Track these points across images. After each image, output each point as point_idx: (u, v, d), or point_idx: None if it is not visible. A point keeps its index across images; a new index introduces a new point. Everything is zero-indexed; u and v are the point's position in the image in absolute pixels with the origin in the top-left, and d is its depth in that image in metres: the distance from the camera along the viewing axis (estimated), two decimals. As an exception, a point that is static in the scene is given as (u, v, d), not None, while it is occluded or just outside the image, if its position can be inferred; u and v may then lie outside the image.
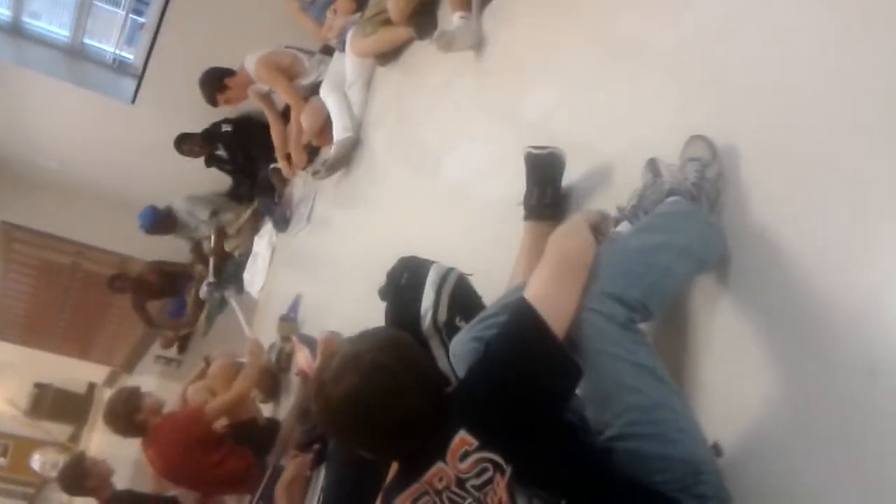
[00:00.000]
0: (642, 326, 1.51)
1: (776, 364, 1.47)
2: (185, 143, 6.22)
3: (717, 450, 1.47)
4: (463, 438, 1.34)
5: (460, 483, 1.34)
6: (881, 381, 1.26)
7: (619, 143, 2.16)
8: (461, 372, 1.60)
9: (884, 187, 1.37)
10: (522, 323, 1.41)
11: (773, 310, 1.52)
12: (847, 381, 1.31)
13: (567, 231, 1.57)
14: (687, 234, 1.57)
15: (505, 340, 1.43)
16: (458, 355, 1.63)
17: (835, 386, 1.34)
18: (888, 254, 1.33)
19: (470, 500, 1.33)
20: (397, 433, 1.43)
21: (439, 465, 1.36)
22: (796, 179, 1.56)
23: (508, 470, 1.30)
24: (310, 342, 3.74)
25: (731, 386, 1.55)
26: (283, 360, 4.40)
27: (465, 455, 1.33)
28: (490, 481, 1.31)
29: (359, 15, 4.47)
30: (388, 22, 4.11)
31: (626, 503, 1.32)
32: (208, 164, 6.45)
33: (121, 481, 5.35)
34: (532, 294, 1.41)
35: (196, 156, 6.32)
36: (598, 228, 1.69)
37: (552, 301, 1.40)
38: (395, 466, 1.86)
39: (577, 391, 1.43)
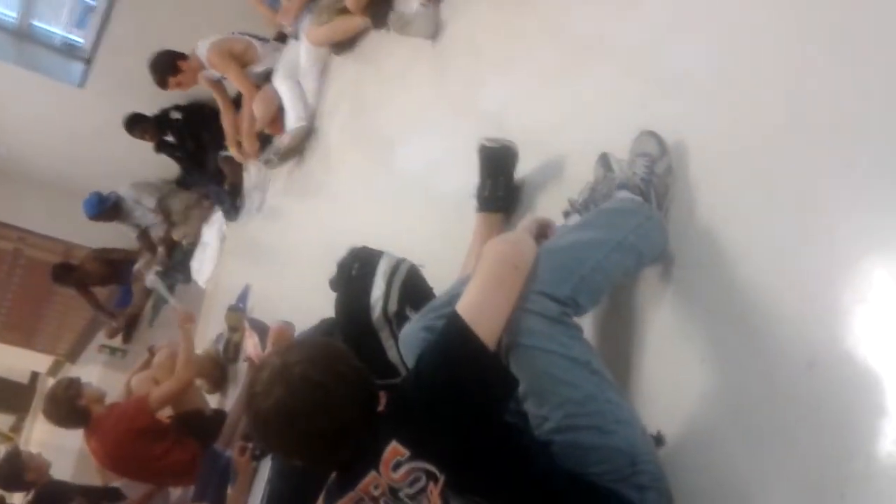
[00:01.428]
0: (582, 321, 1.52)
1: (718, 357, 1.49)
2: (137, 126, 6.10)
3: (659, 440, 1.49)
4: (395, 449, 1.33)
5: (394, 492, 1.33)
6: (818, 372, 1.29)
7: (572, 137, 2.17)
8: (410, 361, 1.60)
9: (826, 185, 1.40)
10: (450, 335, 1.40)
11: (715, 303, 1.54)
12: (786, 373, 1.34)
13: (501, 238, 1.57)
14: (623, 229, 1.58)
15: (433, 353, 1.42)
16: (407, 345, 1.62)
17: (774, 378, 1.36)
18: (828, 250, 1.35)
19: None
20: (326, 445, 1.42)
21: (373, 473, 1.35)
22: (742, 176, 1.59)
23: (442, 478, 1.30)
24: (261, 329, 3.71)
25: (673, 378, 1.57)
26: (231, 351, 4.35)
27: (398, 465, 1.33)
28: (423, 490, 1.31)
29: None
30: (344, 10, 4.07)
31: (561, 502, 1.32)
32: (158, 150, 6.33)
33: (63, 472, 5.25)
34: (462, 304, 1.40)
35: (149, 139, 6.21)
36: (543, 234, 1.70)
37: (482, 309, 1.39)
38: None
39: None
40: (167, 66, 5.05)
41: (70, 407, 3.65)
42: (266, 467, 2.94)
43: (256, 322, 3.86)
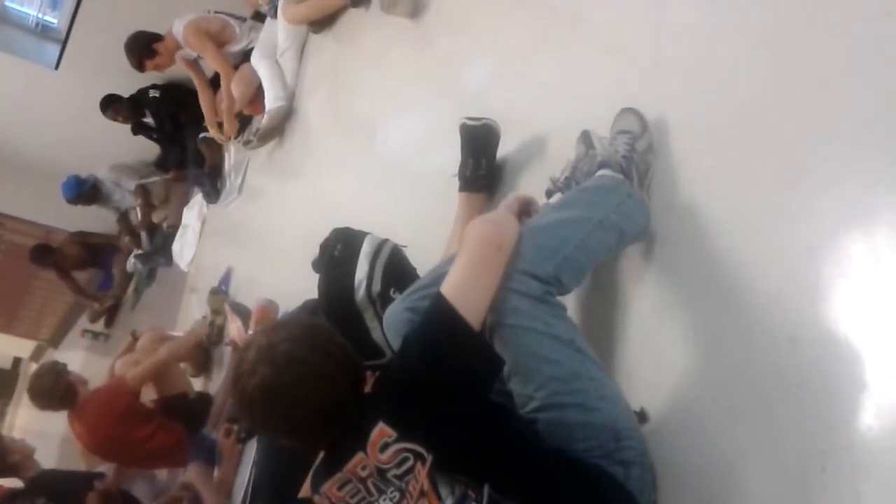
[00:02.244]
0: (566, 299, 1.52)
1: (700, 333, 1.51)
2: (110, 108, 6.03)
3: (643, 416, 1.51)
4: (382, 430, 1.33)
5: (381, 473, 1.34)
6: (800, 347, 1.30)
7: (554, 114, 2.17)
8: (395, 342, 1.60)
9: (807, 160, 1.40)
10: (435, 316, 1.40)
11: (697, 280, 1.55)
12: (768, 348, 1.35)
13: (482, 218, 1.57)
14: (605, 208, 1.58)
15: (419, 335, 1.42)
16: (391, 326, 1.62)
17: (756, 354, 1.37)
18: (809, 224, 1.36)
19: (392, 488, 1.33)
20: (312, 424, 1.42)
21: (360, 455, 1.35)
22: (723, 151, 1.59)
23: (429, 459, 1.30)
24: (243, 312, 3.70)
25: (656, 355, 1.58)
26: (215, 334, 4.34)
27: (385, 446, 1.33)
28: (411, 470, 1.31)
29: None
30: (320, -12, 4.04)
31: (548, 479, 1.33)
32: (135, 131, 6.27)
33: (49, 457, 5.24)
34: (447, 285, 1.41)
35: (122, 121, 6.14)
36: (525, 212, 1.70)
37: (466, 290, 1.40)
38: None
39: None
40: (143, 49, 5.00)
41: (56, 384, 3.64)
42: (252, 450, 2.94)
43: (238, 306, 3.85)
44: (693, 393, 1.47)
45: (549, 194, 1.81)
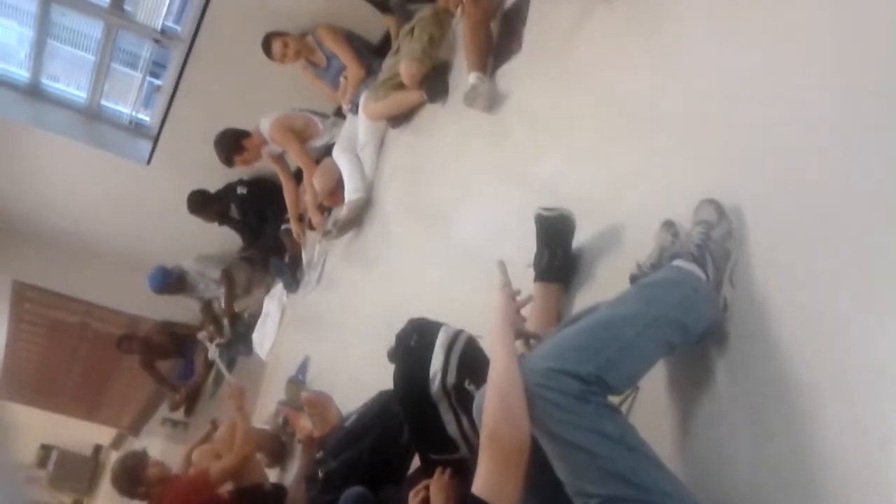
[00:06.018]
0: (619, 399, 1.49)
1: (781, 433, 1.43)
2: (199, 212, 6.26)
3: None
4: None
5: None
6: (893, 453, 1.22)
7: (629, 205, 2.16)
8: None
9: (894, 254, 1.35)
10: None
11: (777, 377, 1.48)
12: (857, 452, 1.28)
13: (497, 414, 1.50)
14: (664, 303, 1.54)
15: None
16: None
17: (844, 458, 1.30)
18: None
19: None
20: None
21: None
22: (805, 244, 1.54)
23: None
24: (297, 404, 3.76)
25: (732, 455, 1.51)
26: (291, 425, 4.35)
27: None
28: None
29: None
30: (400, 86, 4.17)
31: None
32: (221, 223, 6.48)
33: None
34: (478, 488, 1.38)
35: (207, 221, 6.37)
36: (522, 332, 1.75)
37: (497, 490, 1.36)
38: None
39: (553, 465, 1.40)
40: (232, 145, 5.22)
41: (137, 472, 3.69)
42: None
43: (290, 401, 3.91)
44: (774, 496, 1.40)
45: (633, 279, 1.78)
